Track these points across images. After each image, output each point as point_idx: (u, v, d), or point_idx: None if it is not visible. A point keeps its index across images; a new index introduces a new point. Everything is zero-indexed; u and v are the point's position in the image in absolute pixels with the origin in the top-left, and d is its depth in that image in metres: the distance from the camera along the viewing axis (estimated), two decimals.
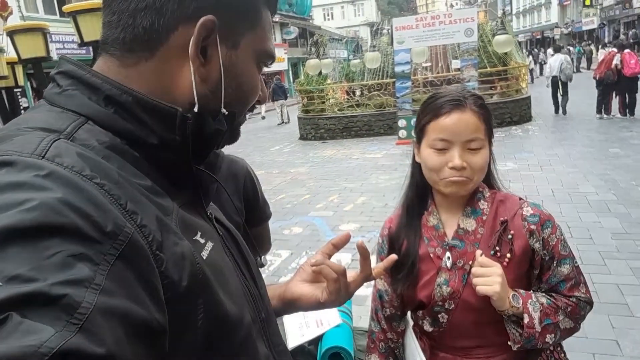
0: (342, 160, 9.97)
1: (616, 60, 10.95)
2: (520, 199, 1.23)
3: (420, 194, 1.27)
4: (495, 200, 1.22)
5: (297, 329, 1.60)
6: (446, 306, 1.19)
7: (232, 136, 0.70)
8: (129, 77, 0.58)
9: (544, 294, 1.17)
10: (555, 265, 1.17)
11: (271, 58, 0.69)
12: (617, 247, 4.29)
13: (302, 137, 13.54)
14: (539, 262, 1.18)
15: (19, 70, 3.47)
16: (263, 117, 19.55)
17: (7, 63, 3.19)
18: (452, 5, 66.15)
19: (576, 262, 1.20)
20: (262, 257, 0.79)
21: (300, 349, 1.56)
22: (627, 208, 5.24)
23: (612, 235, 4.56)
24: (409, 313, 1.36)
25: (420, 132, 1.20)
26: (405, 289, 1.24)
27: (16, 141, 0.49)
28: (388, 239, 1.31)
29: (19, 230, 0.40)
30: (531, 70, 22.03)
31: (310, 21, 39.57)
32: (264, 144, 13.42)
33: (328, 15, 54.68)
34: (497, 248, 1.17)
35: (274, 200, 7.22)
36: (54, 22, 12.12)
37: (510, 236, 1.17)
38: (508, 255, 1.16)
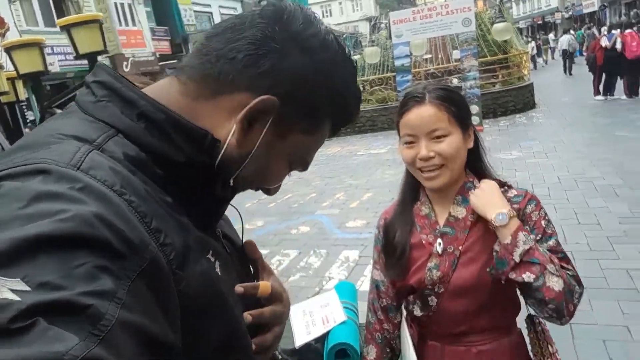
0: (347, 157, 9.98)
1: (617, 44, 10.90)
2: (509, 185, 1.27)
3: (412, 185, 1.33)
4: None
5: (303, 328, 1.62)
6: (436, 289, 1.24)
7: (224, 200, 0.69)
8: (180, 103, 0.59)
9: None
10: (540, 239, 1.18)
11: (303, 168, 0.70)
12: (626, 231, 4.26)
13: None
14: None
15: (19, 85, 3.50)
16: None
17: (7, 78, 3.23)
18: None
19: (562, 247, 1.21)
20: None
21: (306, 347, 1.57)
22: (634, 191, 5.20)
23: (620, 219, 4.53)
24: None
25: (397, 131, 1.28)
26: (396, 276, 1.30)
27: (53, 149, 0.50)
28: (383, 229, 1.37)
29: (52, 238, 0.41)
30: (533, 57, 21.93)
31: None
32: None
33: (326, 12, 54.56)
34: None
35: (280, 200, 7.24)
36: (55, 35, 12.21)
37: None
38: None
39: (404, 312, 1.39)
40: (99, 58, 2.90)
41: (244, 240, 0.79)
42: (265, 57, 0.58)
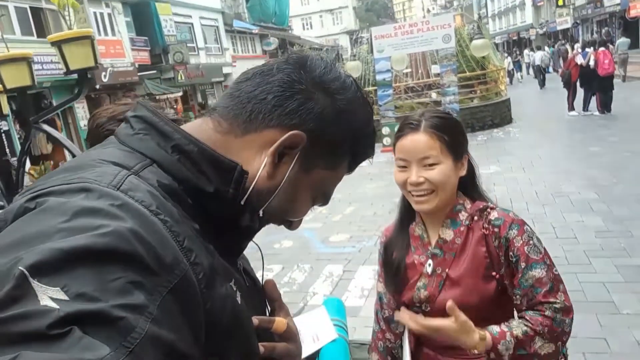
0: None
1: (590, 61, 11.26)
2: (492, 207, 1.29)
3: (408, 206, 1.37)
4: (471, 210, 1.30)
5: None
6: (423, 308, 1.30)
7: (253, 229, 0.72)
8: (212, 138, 0.64)
9: (521, 321, 1.20)
10: (524, 267, 1.21)
11: (324, 202, 0.75)
12: (601, 245, 4.39)
13: None
14: (498, 261, 1.23)
15: (3, 99, 3.44)
16: None
17: None
18: (428, 10, 67.05)
19: (555, 269, 1.24)
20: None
21: None
22: (609, 206, 5.37)
23: (596, 233, 4.67)
24: None
25: (393, 152, 1.34)
26: (393, 291, 1.38)
27: (96, 171, 0.54)
28: (384, 246, 1.45)
29: (91, 252, 0.43)
30: (509, 72, 22.51)
31: (290, 31, 39.76)
32: None
33: (307, 24, 54.96)
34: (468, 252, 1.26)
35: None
36: (31, 44, 12.02)
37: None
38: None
39: None
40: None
41: (263, 279, 0.81)
42: (292, 98, 0.64)
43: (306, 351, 1.60)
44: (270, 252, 5.43)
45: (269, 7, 33.38)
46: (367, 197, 7.32)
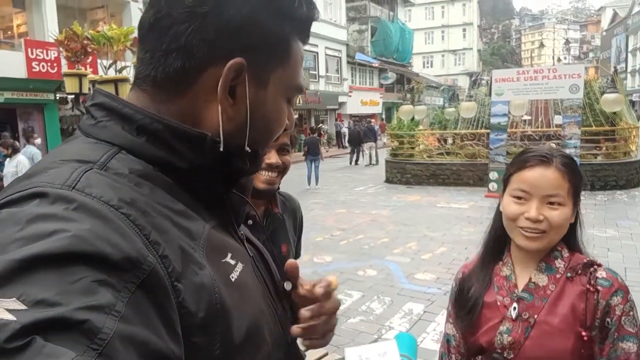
0: (425, 207, 9.78)
1: None
2: (599, 264, 1.20)
3: (498, 243, 1.31)
4: (572, 261, 1.22)
5: None
6: (505, 355, 1.20)
7: (254, 170, 0.71)
8: (159, 112, 0.61)
9: None
10: (616, 338, 1.11)
11: (300, 92, 0.70)
12: None
13: (388, 180, 13.51)
14: (592, 323, 1.13)
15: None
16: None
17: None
18: (559, 59, 63.57)
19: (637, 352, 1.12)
20: (286, 282, 0.82)
21: None
22: None
23: None
24: None
25: (505, 182, 1.27)
26: (466, 329, 1.28)
27: (50, 173, 0.52)
28: (459, 282, 1.36)
29: (48, 257, 0.42)
30: None
31: (410, 68, 39.97)
32: (349, 184, 13.55)
33: (428, 63, 54.91)
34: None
35: (352, 239, 7.22)
36: None
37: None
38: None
39: None
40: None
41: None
42: (205, 27, 0.58)
43: None
44: (353, 279, 5.39)
45: (392, 44, 33.98)
46: (461, 240, 6.99)
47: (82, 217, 0.46)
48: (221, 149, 0.61)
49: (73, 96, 5.61)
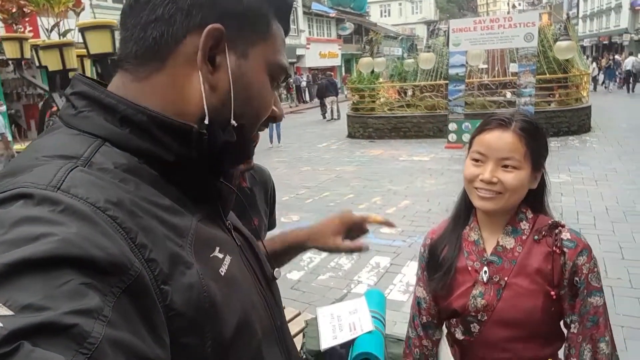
0: (388, 161, 9.93)
1: None
2: (563, 225, 1.25)
3: (466, 207, 1.33)
4: (537, 223, 1.26)
5: (330, 331, 1.65)
6: (479, 317, 1.25)
7: (243, 153, 0.70)
8: (142, 91, 0.60)
9: None
10: (585, 295, 1.18)
11: (284, 72, 0.69)
12: None
13: (350, 135, 13.57)
14: (559, 282, 1.20)
15: (87, 63, 3.69)
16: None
17: (77, 56, 3.41)
18: (514, 6, 63.99)
19: (603, 305, 1.21)
20: (276, 270, 0.83)
21: (332, 350, 1.60)
22: None
23: None
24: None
25: (469, 145, 1.29)
26: (439, 290, 1.32)
27: (35, 172, 0.50)
28: (429, 248, 1.39)
29: (34, 261, 0.41)
30: (594, 78, 21.19)
31: (367, 17, 39.35)
32: (312, 140, 13.54)
33: (385, 11, 54.12)
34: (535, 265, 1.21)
35: (318, 197, 7.30)
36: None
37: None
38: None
39: (445, 330, 1.41)
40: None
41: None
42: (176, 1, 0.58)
43: (342, 338, 1.62)
44: None
45: None
46: (423, 192, 7.18)
47: (69, 220, 0.45)
48: (206, 122, 0.60)
49: (15, 61, 5.28)
